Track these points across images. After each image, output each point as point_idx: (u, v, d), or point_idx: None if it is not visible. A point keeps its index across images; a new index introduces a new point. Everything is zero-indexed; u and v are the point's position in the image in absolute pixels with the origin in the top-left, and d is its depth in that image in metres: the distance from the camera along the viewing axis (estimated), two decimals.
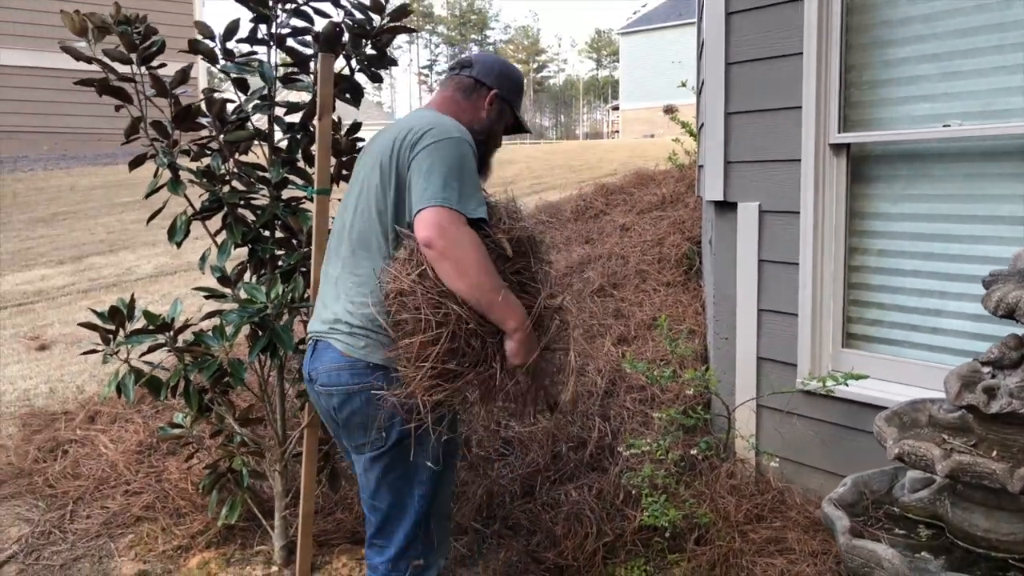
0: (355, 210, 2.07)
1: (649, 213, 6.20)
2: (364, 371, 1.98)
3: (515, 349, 1.96)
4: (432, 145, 1.96)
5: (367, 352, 1.98)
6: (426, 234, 1.85)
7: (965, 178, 2.71)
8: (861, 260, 2.98)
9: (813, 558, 2.61)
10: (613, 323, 4.44)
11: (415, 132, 2.00)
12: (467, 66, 2.26)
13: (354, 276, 2.03)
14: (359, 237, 2.04)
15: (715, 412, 3.37)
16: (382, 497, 2.06)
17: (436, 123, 2.02)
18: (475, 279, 1.87)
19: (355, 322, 1.99)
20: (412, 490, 2.05)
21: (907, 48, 2.78)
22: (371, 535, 2.13)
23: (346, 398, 2.00)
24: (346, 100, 2.86)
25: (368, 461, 2.05)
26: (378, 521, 2.10)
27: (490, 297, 1.89)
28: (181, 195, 2.70)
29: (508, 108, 2.28)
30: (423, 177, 1.91)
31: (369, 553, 2.15)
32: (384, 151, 2.02)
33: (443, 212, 1.87)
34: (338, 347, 2.01)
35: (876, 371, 2.87)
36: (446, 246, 1.85)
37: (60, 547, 3.08)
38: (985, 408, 1.85)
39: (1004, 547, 1.89)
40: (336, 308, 2.04)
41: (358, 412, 2.00)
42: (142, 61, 2.64)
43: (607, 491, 3.16)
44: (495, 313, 1.92)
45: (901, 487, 2.21)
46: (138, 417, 3.93)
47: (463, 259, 1.86)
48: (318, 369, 2.05)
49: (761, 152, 3.09)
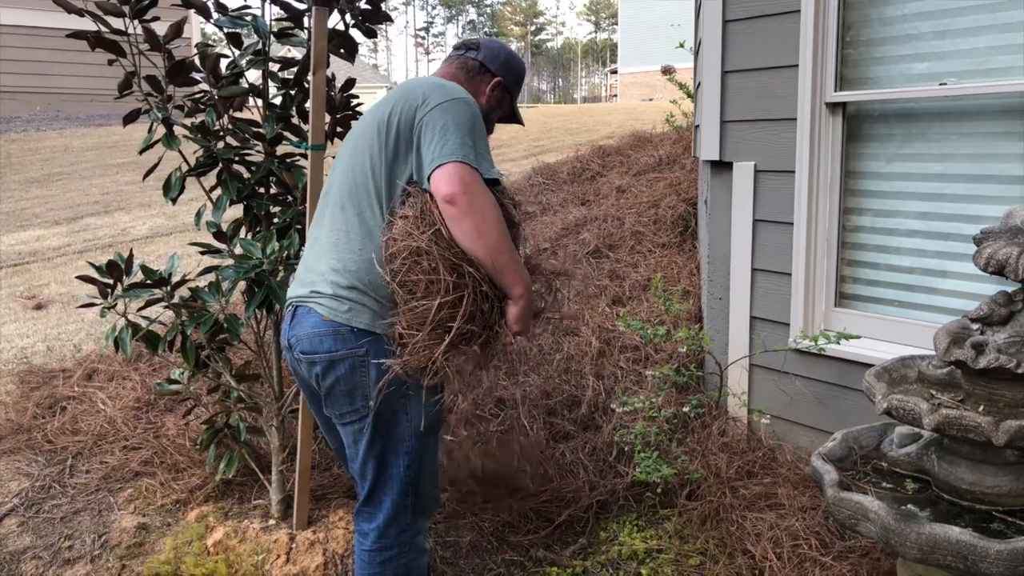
0: (346, 170, 2.03)
1: (646, 175, 6.18)
2: (348, 336, 1.93)
3: (517, 315, 1.96)
4: (446, 103, 1.93)
5: (351, 316, 1.93)
6: (450, 190, 1.81)
7: (960, 137, 2.71)
8: (855, 220, 2.99)
9: (802, 513, 2.66)
10: (608, 284, 4.46)
11: (423, 91, 1.97)
12: (473, 48, 2.24)
13: (340, 234, 1.98)
14: (349, 195, 1.99)
15: (708, 371, 3.40)
16: (369, 466, 2.04)
17: (444, 83, 2.01)
18: (494, 240, 1.85)
19: (341, 282, 1.94)
20: (398, 459, 2.03)
21: (904, 6, 2.77)
22: (360, 502, 2.12)
23: (329, 365, 1.95)
24: (340, 55, 2.84)
25: (354, 432, 2.02)
26: (367, 489, 2.07)
27: (504, 259, 1.88)
28: (176, 150, 2.70)
29: (507, 98, 2.28)
30: (438, 133, 1.88)
31: (358, 519, 2.14)
32: (384, 111, 1.99)
33: (465, 168, 1.84)
34: (320, 311, 1.95)
35: (868, 330, 2.89)
36: (470, 203, 1.82)
37: (60, 501, 3.12)
38: (973, 364, 1.87)
39: (988, 500, 1.93)
40: (320, 269, 1.99)
41: (342, 379, 1.95)
42: (135, 14, 2.61)
43: (600, 448, 3.21)
44: (507, 276, 1.91)
45: (889, 442, 2.24)
46: (135, 374, 3.95)
47: (485, 217, 1.84)
48: (298, 335, 1.99)
49: (757, 111, 3.08)
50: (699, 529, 2.76)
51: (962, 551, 1.69)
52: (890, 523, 1.80)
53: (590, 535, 2.85)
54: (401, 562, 2.10)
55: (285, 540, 2.78)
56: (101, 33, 2.60)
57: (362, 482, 2.09)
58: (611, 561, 2.70)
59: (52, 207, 8.29)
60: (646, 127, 8.84)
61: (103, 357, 4.21)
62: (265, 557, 2.73)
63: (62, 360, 4.29)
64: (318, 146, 2.55)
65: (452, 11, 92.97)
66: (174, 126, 2.72)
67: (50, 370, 4.15)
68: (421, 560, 2.16)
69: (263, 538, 2.79)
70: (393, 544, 2.09)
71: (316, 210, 2.16)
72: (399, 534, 2.09)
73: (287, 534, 2.80)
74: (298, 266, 2.15)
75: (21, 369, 4.17)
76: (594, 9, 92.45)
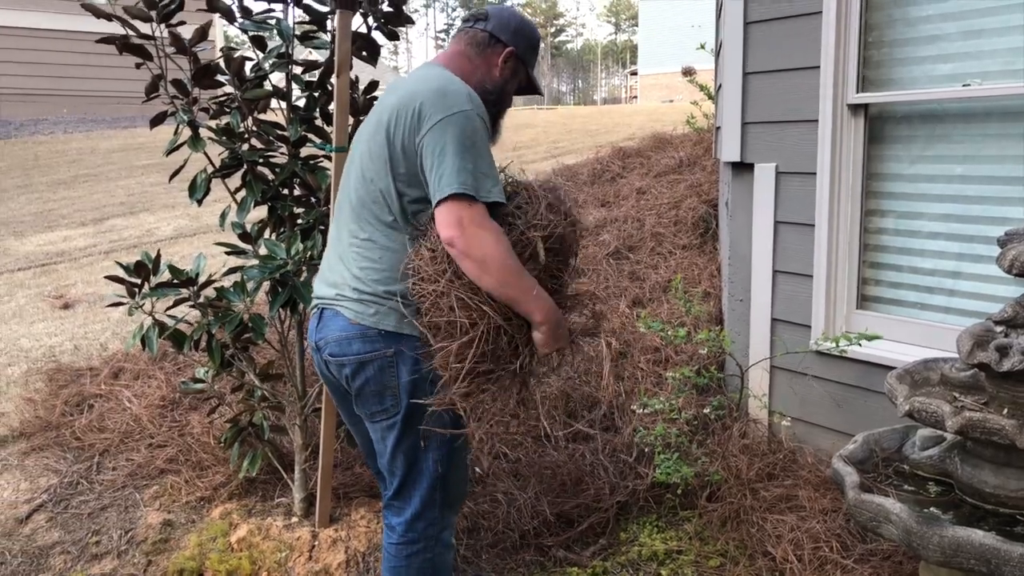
0: (359, 176, 2.01)
1: (666, 176, 6.17)
2: (376, 338, 1.95)
3: (543, 340, 1.94)
4: (441, 123, 1.86)
5: (378, 319, 1.95)
6: (447, 233, 1.82)
7: (983, 139, 2.69)
8: (877, 222, 2.98)
9: (823, 515, 2.65)
10: (628, 285, 4.46)
11: (422, 103, 1.89)
12: (482, 19, 2.14)
13: (358, 242, 1.99)
14: (363, 203, 1.99)
15: (728, 372, 3.39)
16: (398, 462, 2.06)
17: (445, 91, 1.91)
18: (498, 277, 1.84)
19: (364, 288, 1.96)
20: (428, 454, 2.05)
21: (927, 7, 2.75)
22: (389, 497, 2.14)
23: (359, 367, 1.97)
24: (363, 58, 2.87)
25: (383, 429, 2.04)
26: (396, 484, 2.10)
27: (514, 293, 1.87)
28: (201, 152, 2.74)
29: (522, 67, 2.17)
30: (437, 159, 1.85)
31: (387, 513, 2.17)
32: (386, 118, 1.94)
33: (462, 207, 1.81)
34: (347, 315, 1.97)
35: (890, 332, 2.88)
36: (467, 245, 1.81)
37: (87, 497, 3.17)
38: (997, 366, 1.86)
39: (1012, 503, 1.91)
40: (342, 272, 2.01)
41: (372, 380, 1.98)
42: (161, 19, 2.65)
43: (620, 450, 3.21)
44: (520, 307, 1.89)
45: (911, 445, 2.24)
46: (160, 373, 4.00)
47: (485, 257, 1.82)
48: (327, 338, 2.01)
49: (778, 113, 3.07)
50: (719, 531, 2.76)
51: (985, 554, 1.69)
52: (912, 526, 1.79)
53: (610, 536, 2.85)
54: (427, 556, 2.12)
55: (308, 538, 2.81)
56: (129, 38, 2.64)
57: (391, 478, 2.10)
58: (631, 562, 2.71)
59: (79, 208, 8.41)
60: (666, 128, 8.83)
61: (129, 356, 4.27)
62: (288, 554, 2.76)
63: (89, 359, 4.35)
64: (341, 148, 2.58)
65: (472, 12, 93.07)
66: (199, 128, 2.76)
67: (77, 368, 4.22)
68: (447, 556, 2.18)
69: (286, 535, 2.82)
70: (420, 538, 2.11)
71: (336, 205, 2.16)
72: (426, 528, 2.11)
73: (310, 532, 2.83)
74: (321, 262, 2.16)
75: (50, 367, 4.23)
76: (614, 11, 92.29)
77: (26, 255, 6.70)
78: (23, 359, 4.40)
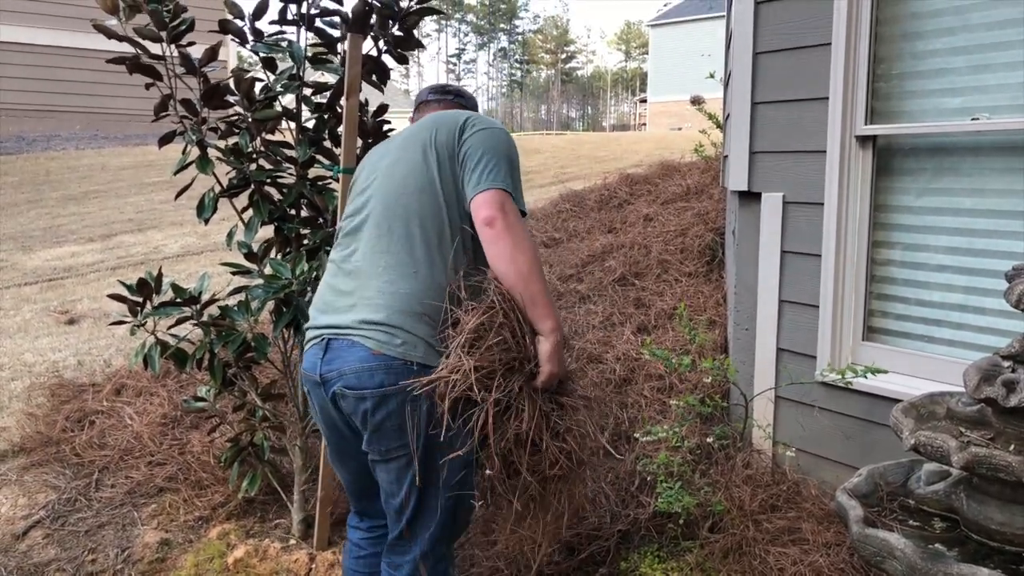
0: (388, 193, 2.00)
1: (673, 203, 6.18)
2: (402, 370, 1.84)
3: (549, 352, 1.91)
4: (487, 130, 1.99)
5: (405, 350, 1.84)
6: (489, 212, 1.86)
7: (992, 172, 2.68)
8: (884, 253, 2.97)
9: (827, 549, 2.61)
10: (633, 312, 4.45)
11: (465, 117, 2.02)
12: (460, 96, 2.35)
13: (388, 257, 1.93)
14: (397, 217, 1.96)
15: (733, 402, 3.37)
16: (411, 502, 1.96)
17: (473, 113, 2.07)
18: (527, 267, 1.85)
19: (394, 305, 1.87)
20: (439, 491, 1.95)
21: (937, 41, 2.76)
22: (394, 537, 2.03)
23: (381, 400, 1.85)
24: (372, 83, 2.89)
25: (399, 468, 1.93)
26: (404, 521, 1.99)
27: (535, 288, 1.87)
28: (209, 173, 2.75)
29: None
30: (482, 161, 1.93)
31: (390, 553, 2.06)
32: (426, 136, 2.02)
33: (505, 197, 1.90)
34: (367, 344, 1.85)
35: (896, 365, 2.86)
36: (507, 225, 1.85)
37: (85, 514, 3.15)
38: (1004, 401, 1.84)
39: (1019, 541, 1.88)
40: (362, 295, 1.92)
41: (394, 414, 1.86)
42: (172, 39, 2.68)
43: (623, 478, 3.18)
44: (538, 308, 1.89)
45: (916, 479, 2.21)
46: (162, 391, 4.00)
47: (519, 243, 1.85)
48: (340, 370, 1.89)
49: (786, 143, 3.08)
50: (721, 562, 2.72)
51: None
52: (917, 562, 1.77)
53: (611, 565, 2.82)
54: None
55: (305, 560, 2.78)
56: (139, 58, 2.66)
57: (399, 515, 2.00)
58: None
59: (88, 224, 8.45)
60: (674, 156, 8.85)
61: (132, 373, 4.27)
62: None
63: (92, 375, 4.35)
64: (349, 169, 2.59)
65: (484, 38, 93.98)
66: (208, 148, 2.78)
67: (80, 384, 4.21)
68: None
69: (283, 558, 2.80)
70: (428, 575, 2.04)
71: (340, 238, 2.10)
72: (435, 564, 2.03)
73: (307, 554, 2.81)
74: (318, 295, 2.08)
75: (52, 383, 4.23)
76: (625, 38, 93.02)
77: (33, 269, 6.73)
78: (26, 374, 4.40)
